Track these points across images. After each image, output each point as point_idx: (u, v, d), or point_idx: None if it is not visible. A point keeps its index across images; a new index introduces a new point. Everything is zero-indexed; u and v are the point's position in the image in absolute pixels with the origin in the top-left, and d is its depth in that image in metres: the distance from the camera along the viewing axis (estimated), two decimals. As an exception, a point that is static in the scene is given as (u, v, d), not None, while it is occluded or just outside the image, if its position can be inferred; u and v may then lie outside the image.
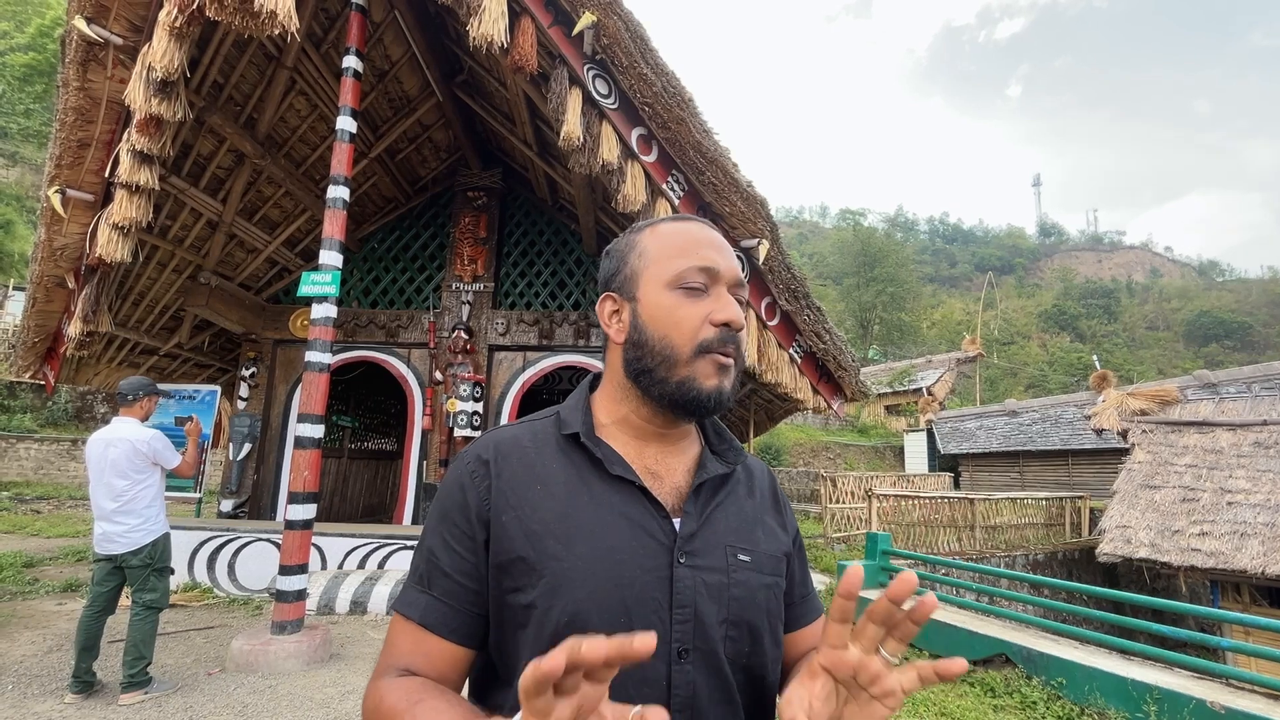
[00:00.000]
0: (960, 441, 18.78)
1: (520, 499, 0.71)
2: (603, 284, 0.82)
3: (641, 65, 4.70)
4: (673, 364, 0.73)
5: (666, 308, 0.74)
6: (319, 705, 3.55)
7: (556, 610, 0.66)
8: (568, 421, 0.77)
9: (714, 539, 0.74)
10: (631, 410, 0.78)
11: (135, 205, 4.81)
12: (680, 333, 0.73)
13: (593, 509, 0.71)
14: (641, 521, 0.71)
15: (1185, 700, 3.43)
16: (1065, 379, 38.05)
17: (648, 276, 0.76)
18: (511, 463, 0.74)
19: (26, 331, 6.21)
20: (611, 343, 0.80)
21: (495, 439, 0.78)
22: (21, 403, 13.90)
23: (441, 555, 0.73)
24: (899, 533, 9.56)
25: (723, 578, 0.72)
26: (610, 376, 0.81)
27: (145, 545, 3.50)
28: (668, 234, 0.78)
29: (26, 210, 21.48)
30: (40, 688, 3.62)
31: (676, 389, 0.73)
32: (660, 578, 0.69)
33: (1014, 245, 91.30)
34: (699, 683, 0.68)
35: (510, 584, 0.69)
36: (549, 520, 0.70)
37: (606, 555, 0.68)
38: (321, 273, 4.57)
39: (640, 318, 0.76)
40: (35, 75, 23.63)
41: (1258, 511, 7.73)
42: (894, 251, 40.97)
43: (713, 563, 0.72)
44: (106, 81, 4.64)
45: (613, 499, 0.72)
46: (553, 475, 0.73)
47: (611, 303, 0.80)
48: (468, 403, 7.17)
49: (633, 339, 0.76)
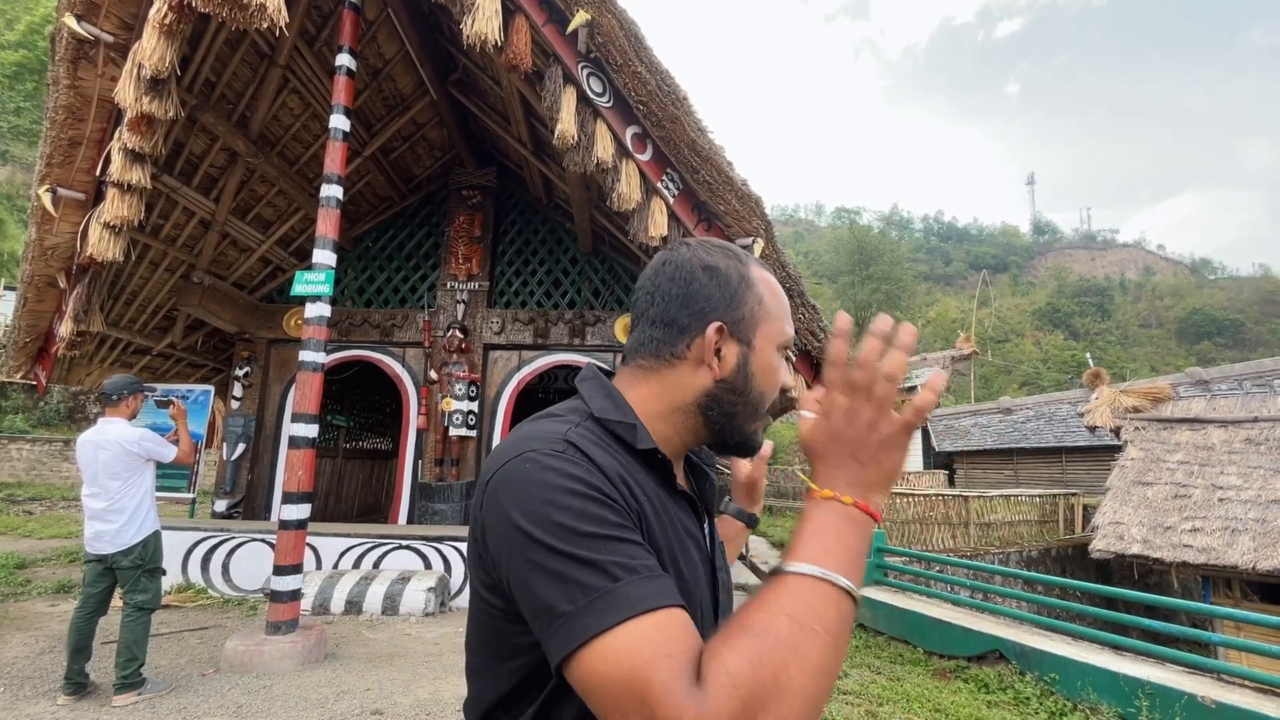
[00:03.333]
0: (955, 439, 18.86)
1: (640, 505, 0.66)
2: (708, 307, 0.76)
3: (636, 63, 4.70)
4: (754, 418, 0.78)
5: (774, 369, 0.78)
6: (314, 705, 3.54)
7: None
8: (641, 437, 0.71)
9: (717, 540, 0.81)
10: (677, 433, 0.77)
11: (127, 204, 4.78)
12: (773, 394, 0.78)
13: (673, 526, 0.71)
14: (694, 535, 0.76)
15: (1177, 695, 3.46)
16: (1059, 376, 38.27)
17: (765, 331, 0.77)
18: (613, 467, 0.66)
19: (18, 331, 6.16)
20: (688, 368, 0.76)
21: (583, 439, 0.67)
22: (13, 403, 13.81)
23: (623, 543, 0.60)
24: (894, 530, 9.60)
25: (725, 576, 0.80)
26: (665, 395, 0.76)
27: (135, 545, 3.48)
28: (775, 290, 0.80)
29: (17, 209, 21.32)
30: (33, 689, 3.60)
31: (745, 438, 0.78)
32: (708, 584, 0.75)
33: (1008, 243, 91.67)
34: None
35: None
36: (662, 533, 0.68)
37: (694, 569, 0.72)
38: (315, 272, 4.55)
39: (751, 367, 0.76)
40: (25, 73, 23.46)
41: (1249, 508, 7.79)
42: (889, 250, 41.12)
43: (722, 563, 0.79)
44: (97, 79, 4.60)
45: (680, 514, 0.74)
46: (646, 485, 0.69)
47: (720, 335, 0.75)
48: (463, 402, 7.16)
49: (734, 383, 0.75)
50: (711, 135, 5.07)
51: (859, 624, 5.57)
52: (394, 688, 3.82)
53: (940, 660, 4.73)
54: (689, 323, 0.76)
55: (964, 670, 4.46)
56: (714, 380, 0.75)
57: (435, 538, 6.08)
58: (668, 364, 0.77)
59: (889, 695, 3.98)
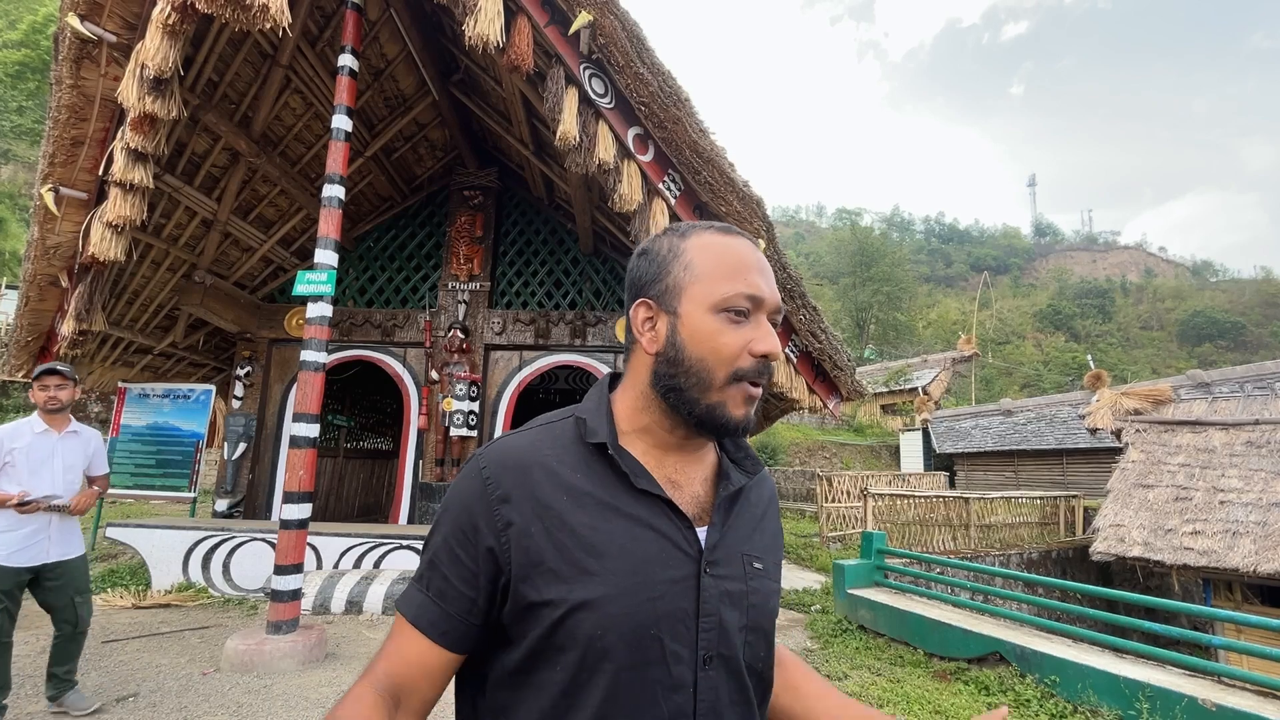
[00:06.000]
0: (955, 441, 18.84)
1: (545, 509, 0.69)
2: (637, 287, 0.78)
3: (638, 64, 4.70)
4: (706, 388, 0.71)
5: (708, 332, 0.72)
6: (314, 705, 3.54)
7: (587, 625, 0.65)
8: (593, 429, 0.74)
9: (733, 548, 0.75)
10: (654, 421, 0.76)
11: (129, 203, 4.79)
12: (719, 359, 0.71)
13: (621, 521, 0.70)
14: (668, 533, 0.71)
15: (1177, 698, 3.46)
16: (1060, 378, 38.24)
17: (693, 294, 0.73)
18: (533, 473, 0.71)
19: (19, 330, 6.17)
20: (640, 350, 0.77)
21: (511, 444, 0.75)
22: (14, 402, 13.82)
23: (443, 557, 0.72)
24: (894, 531, 9.59)
25: (741, 585, 0.74)
26: (633, 383, 0.78)
27: None
28: (716, 250, 0.74)
29: (20, 208, 21.36)
30: (34, 688, 3.61)
31: (706, 412, 0.72)
32: (688, 588, 0.70)
33: (1009, 245, 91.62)
34: (720, 687, 0.70)
35: (536, 596, 0.67)
36: (579, 531, 0.69)
37: (638, 569, 0.68)
38: (317, 271, 4.56)
39: (679, 334, 0.73)
40: (28, 72, 23.52)
41: (1250, 510, 7.78)
42: (890, 251, 41.06)
43: (732, 571, 0.74)
44: (100, 79, 4.61)
45: (640, 511, 0.71)
46: (579, 485, 0.71)
47: (646, 310, 0.76)
48: (464, 402, 7.16)
49: (667, 354, 0.74)
50: (713, 136, 5.08)
51: (859, 625, 5.56)
52: (394, 688, 3.82)
53: (940, 662, 4.72)
54: (629, 307, 0.79)
55: (964, 672, 4.45)
56: (651, 356, 0.75)
57: (436, 538, 6.08)
58: (631, 353, 0.79)
59: (889, 697, 3.98)
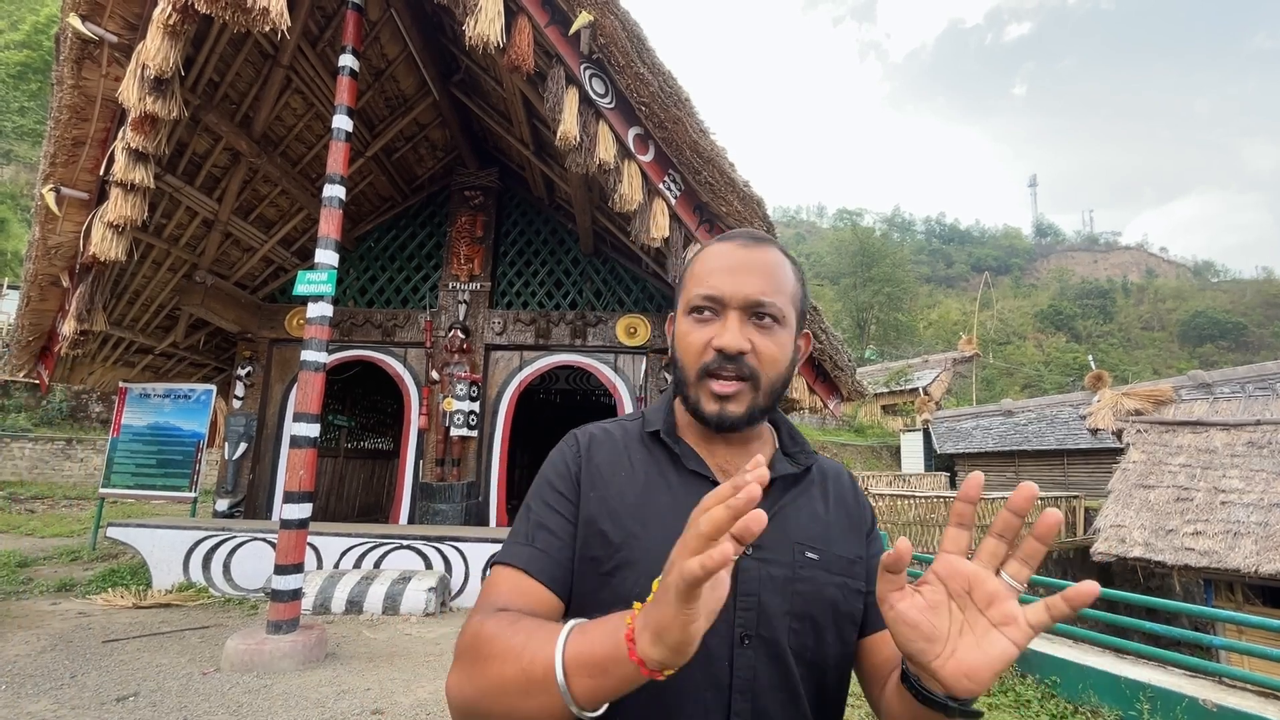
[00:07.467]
0: (956, 441, 18.84)
1: (606, 481, 0.80)
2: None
3: (638, 65, 4.70)
4: (686, 384, 0.81)
5: (682, 332, 0.82)
6: (314, 705, 3.54)
7: (629, 582, 0.72)
8: (650, 420, 0.86)
9: (782, 536, 0.78)
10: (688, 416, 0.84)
11: (130, 204, 4.79)
12: (687, 357, 0.80)
13: (669, 496, 0.78)
14: None
15: (1178, 698, 3.45)
16: (1061, 379, 38.19)
17: (681, 301, 0.84)
18: (604, 449, 0.84)
19: (21, 330, 6.18)
20: None
21: (590, 430, 0.87)
22: (16, 402, 13.83)
23: (544, 514, 0.80)
24: (895, 532, 9.60)
25: (788, 572, 0.76)
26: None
27: None
28: (702, 257, 0.83)
29: (21, 208, 21.38)
30: (34, 687, 3.61)
31: (692, 408, 0.80)
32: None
33: (1010, 245, 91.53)
34: (759, 668, 0.72)
35: (589, 552, 0.76)
36: (630, 502, 0.78)
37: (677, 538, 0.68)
38: (317, 272, 4.56)
39: (673, 339, 0.84)
40: (30, 73, 23.55)
41: (1251, 511, 7.77)
42: (891, 252, 41.12)
43: (779, 557, 0.76)
44: (101, 79, 4.62)
45: (688, 489, 0.78)
46: (636, 464, 0.82)
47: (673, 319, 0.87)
48: (464, 402, 7.16)
49: (671, 357, 0.85)
50: (714, 137, 5.08)
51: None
52: (394, 687, 3.83)
53: (941, 662, 4.72)
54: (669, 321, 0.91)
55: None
56: None
57: (436, 538, 6.08)
58: None
59: (889, 697, 3.97)
